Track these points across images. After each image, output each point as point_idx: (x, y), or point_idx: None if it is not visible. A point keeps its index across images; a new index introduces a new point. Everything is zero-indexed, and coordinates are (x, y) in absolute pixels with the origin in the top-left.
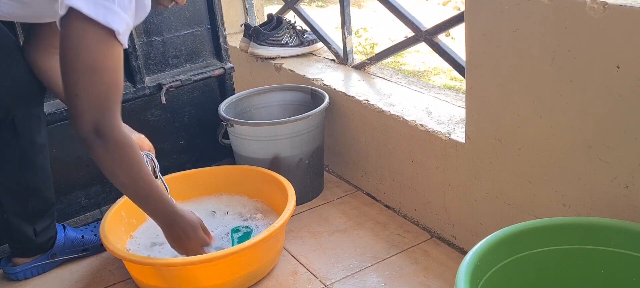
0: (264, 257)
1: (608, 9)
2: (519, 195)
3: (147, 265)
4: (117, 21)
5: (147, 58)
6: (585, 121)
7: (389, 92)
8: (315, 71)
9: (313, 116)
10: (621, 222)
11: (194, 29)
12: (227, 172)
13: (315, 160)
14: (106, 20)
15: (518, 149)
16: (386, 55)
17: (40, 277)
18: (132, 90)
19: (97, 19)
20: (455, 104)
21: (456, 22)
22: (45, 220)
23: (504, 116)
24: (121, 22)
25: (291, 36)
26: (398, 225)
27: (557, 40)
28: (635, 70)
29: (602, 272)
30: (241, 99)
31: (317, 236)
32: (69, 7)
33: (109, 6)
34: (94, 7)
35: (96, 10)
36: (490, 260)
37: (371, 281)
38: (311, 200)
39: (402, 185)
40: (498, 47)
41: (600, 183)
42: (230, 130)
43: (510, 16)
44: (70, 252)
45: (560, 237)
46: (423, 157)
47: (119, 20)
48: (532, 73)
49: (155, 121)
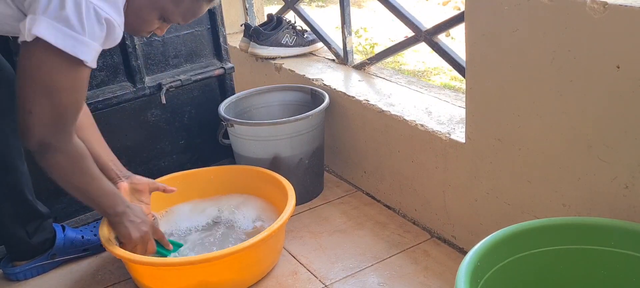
0: (264, 257)
1: (608, 9)
2: (519, 195)
3: (146, 265)
4: (86, 52)
5: (147, 58)
6: (585, 121)
7: (389, 92)
8: (315, 71)
9: (313, 116)
10: (621, 222)
11: (194, 29)
12: (227, 172)
13: (315, 160)
14: (75, 51)
15: (518, 149)
16: (386, 55)
17: (40, 277)
18: (132, 90)
19: (65, 50)
20: (455, 104)
21: (456, 22)
22: (35, 220)
23: (504, 116)
24: (90, 52)
25: (291, 36)
26: (398, 225)
27: (557, 40)
28: (635, 70)
29: (602, 272)
30: (241, 99)
31: (317, 236)
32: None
33: (78, 38)
34: (62, 39)
35: (64, 41)
36: (490, 260)
37: (371, 281)
38: (311, 200)
39: (402, 185)
40: (498, 47)
41: (600, 183)
42: (230, 130)
43: (510, 16)
44: (70, 252)
45: (560, 237)
46: (423, 157)
47: (87, 50)
48: (532, 73)
49: (155, 121)
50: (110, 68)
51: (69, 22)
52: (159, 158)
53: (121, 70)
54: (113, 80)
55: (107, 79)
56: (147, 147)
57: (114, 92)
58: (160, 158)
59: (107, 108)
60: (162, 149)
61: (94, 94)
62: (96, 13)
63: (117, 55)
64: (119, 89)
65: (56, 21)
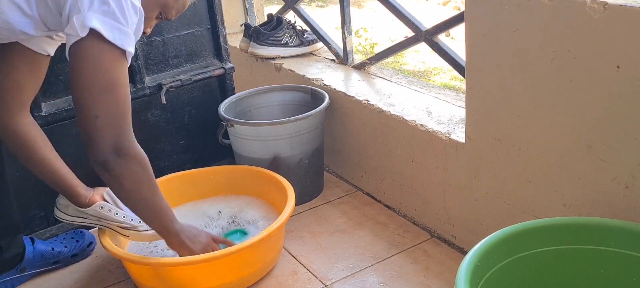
0: (264, 257)
1: (608, 9)
2: (519, 195)
3: (146, 265)
4: (131, 44)
5: (147, 58)
6: (585, 121)
7: (389, 92)
8: (315, 71)
9: (313, 116)
10: (621, 222)
11: (194, 29)
12: (227, 172)
13: (315, 160)
14: (122, 43)
15: (518, 149)
16: (386, 55)
17: (40, 278)
18: (132, 90)
19: (115, 42)
20: (455, 104)
21: (456, 22)
22: (9, 235)
23: (504, 116)
24: (132, 44)
25: (291, 36)
26: (398, 225)
27: (557, 40)
28: (635, 70)
29: (602, 272)
30: (241, 99)
31: (317, 236)
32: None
33: (123, 30)
34: (111, 30)
35: (113, 33)
36: (490, 260)
37: (371, 281)
38: (311, 200)
39: (402, 185)
40: (498, 47)
41: (600, 183)
42: (230, 130)
43: (510, 16)
44: (40, 266)
45: (560, 237)
46: (423, 157)
47: (131, 42)
48: (532, 73)
49: (155, 121)
50: None
51: (115, 15)
52: (159, 158)
53: None
54: None
55: None
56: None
57: None
58: (160, 158)
59: None
60: (162, 149)
61: None
62: (133, 4)
63: None
64: None
65: (104, 15)
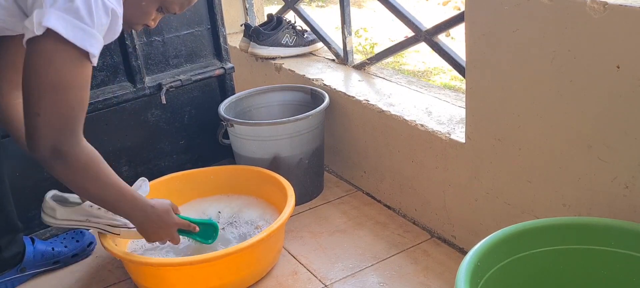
0: (264, 257)
1: (608, 9)
2: (519, 195)
3: (146, 265)
4: (95, 45)
5: (147, 58)
6: (585, 121)
7: (389, 92)
8: (315, 71)
9: (313, 116)
10: (621, 222)
11: (194, 29)
12: (227, 172)
13: (315, 160)
14: (84, 44)
15: (518, 149)
16: (386, 55)
17: (40, 278)
18: (132, 90)
19: (74, 42)
20: (455, 104)
21: (456, 22)
22: (9, 234)
23: (504, 116)
24: (97, 45)
25: (291, 36)
26: (398, 225)
27: (557, 40)
28: (635, 70)
29: (602, 272)
30: (241, 99)
31: (317, 236)
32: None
33: (87, 30)
34: (72, 30)
35: (74, 33)
36: (490, 260)
37: (371, 281)
38: (311, 200)
39: (402, 185)
40: (498, 47)
41: (600, 183)
42: (230, 130)
43: (510, 16)
44: (40, 265)
45: (560, 237)
46: (423, 157)
47: (95, 43)
48: (532, 73)
49: (155, 121)
50: (110, 68)
51: (79, 13)
52: (159, 158)
53: (121, 70)
54: (113, 80)
55: (107, 79)
56: (147, 147)
57: (114, 92)
58: (160, 158)
59: (107, 108)
60: (162, 149)
61: (94, 94)
62: (104, 4)
63: (117, 55)
64: (119, 89)
65: (66, 13)
